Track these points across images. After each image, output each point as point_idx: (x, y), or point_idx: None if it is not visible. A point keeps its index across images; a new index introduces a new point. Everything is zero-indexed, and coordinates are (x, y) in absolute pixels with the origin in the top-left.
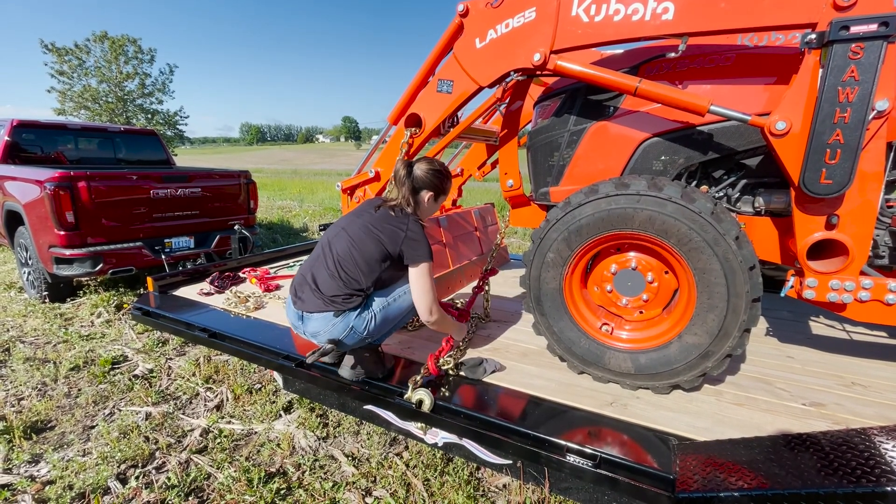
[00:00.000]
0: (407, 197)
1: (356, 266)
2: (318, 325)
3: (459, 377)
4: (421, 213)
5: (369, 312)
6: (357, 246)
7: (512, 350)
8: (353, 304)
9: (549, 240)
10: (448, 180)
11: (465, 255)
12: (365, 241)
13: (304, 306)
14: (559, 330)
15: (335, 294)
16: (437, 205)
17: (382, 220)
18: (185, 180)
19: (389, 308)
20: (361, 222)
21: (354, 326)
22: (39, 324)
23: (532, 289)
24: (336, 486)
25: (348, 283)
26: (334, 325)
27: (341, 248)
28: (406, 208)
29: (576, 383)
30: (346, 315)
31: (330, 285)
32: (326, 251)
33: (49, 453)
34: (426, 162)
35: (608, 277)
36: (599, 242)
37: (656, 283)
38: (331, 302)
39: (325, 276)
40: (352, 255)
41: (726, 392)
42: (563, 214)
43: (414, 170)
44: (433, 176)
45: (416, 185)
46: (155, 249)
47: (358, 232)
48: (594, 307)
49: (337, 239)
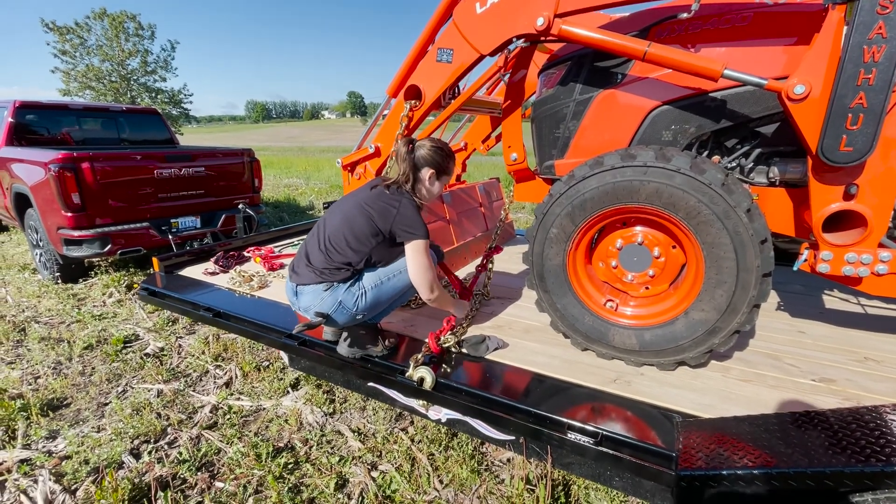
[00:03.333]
0: (407, 174)
1: (346, 241)
2: (308, 298)
3: (462, 354)
4: (422, 193)
5: (359, 288)
6: (348, 221)
7: (515, 327)
8: (340, 276)
9: (553, 215)
10: (451, 160)
11: (470, 231)
12: (356, 217)
13: (298, 279)
14: (562, 307)
15: (324, 266)
16: (439, 185)
17: (376, 198)
18: (189, 160)
19: (383, 286)
20: (356, 199)
21: (343, 302)
22: (53, 304)
23: (535, 265)
24: (343, 460)
25: (336, 256)
26: (323, 299)
27: (334, 224)
28: (405, 186)
29: (579, 360)
30: (334, 289)
31: (319, 258)
32: (321, 227)
33: (65, 430)
34: (429, 140)
35: (613, 253)
36: (604, 217)
37: (663, 258)
38: (320, 273)
39: (316, 249)
40: (342, 230)
41: (733, 368)
42: (567, 188)
43: (416, 147)
44: (435, 153)
45: (418, 162)
46: (162, 230)
47: (350, 208)
48: (599, 283)
49: (331, 215)
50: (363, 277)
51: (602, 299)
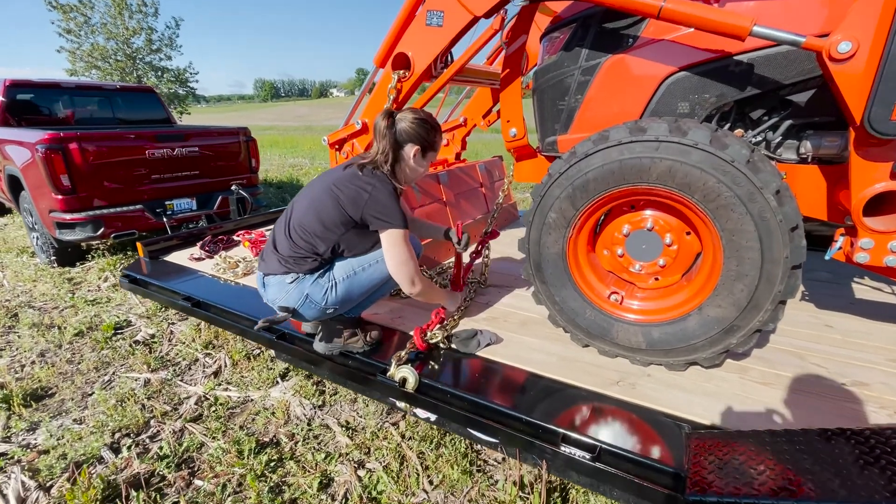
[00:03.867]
0: (387, 152)
1: (312, 228)
2: (274, 291)
3: (450, 351)
4: (405, 173)
5: (328, 280)
6: (315, 206)
7: (511, 319)
8: (307, 266)
9: (551, 197)
10: (437, 134)
11: (469, 213)
12: (324, 202)
13: (265, 268)
14: (561, 300)
15: (290, 255)
16: (424, 163)
17: (348, 180)
18: (182, 139)
19: (356, 278)
20: (326, 181)
21: (310, 295)
22: (48, 288)
23: (532, 254)
24: (329, 457)
25: (302, 244)
26: (288, 292)
27: (301, 208)
28: (383, 166)
29: (579, 358)
30: (300, 280)
31: (285, 245)
32: (289, 211)
33: (46, 421)
34: (411, 111)
35: (619, 240)
36: (610, 199)
37: (675, 245)
38: (285, 262)
39: (282, 235)
40: (309, 216)
41: (752, 368)
42: (568, 167)
43: (397, 120)
44: (419, 126)
45: (400, 138)
46: (156, 212)
47: (319, 191)
48: (602, 273)
49: (300, 198)
50: (333, 268)
51: (606, 291)
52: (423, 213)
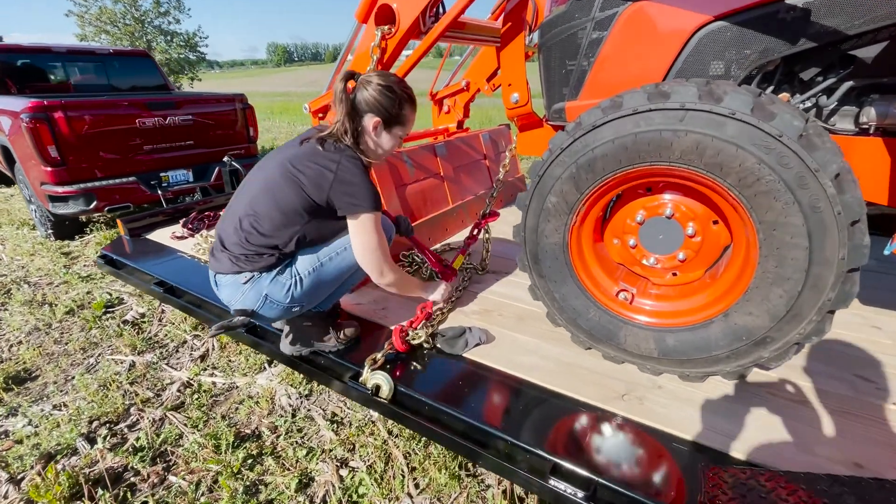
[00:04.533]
0: (343, 123)
1: (268, 218)
2: (228, 291)
3: (435, 350)
4: (368, 147)
5: (289, 277)
6: (270, 191)
7: (506, 312)
8: (263, 263)
9: (551, 178)
10: (406, 104)
11: (470, 189)
12: (280, 185)
13: (216, 265)
14: (561, 297)
15: (242, 252)
16: (389, 139)
17: (307, 157)
18: (174, 107)
19: (323, 270)
20: (280, 160)
21: (270, 295)
22: (44, 263)
23: (528, 242)
24: (311, 453)
25: (257, 239)
26: (244, 294)
27: (252, 194)
28: (343, 138)
29: (580, 363)
30: (256, 280)
31: (234, 240)
32: (238, 198)
33: (25, 407)
34: (379, 75)
35: (632, 228)
36: (622, 181)
37: (699, 237)
38: (236, 261)
39: (231, 229)
40: (263, 204)
41: (783, 382)
42: (571, 141)
43: (359, 84)
44: (382, 95)
45: (359, 106)
46: (151, 184)
47: (274, 172)
48: (611, 266)
49: (250, 182)
50: (295, 261)
51: (614, 289)
52: (416, 190)
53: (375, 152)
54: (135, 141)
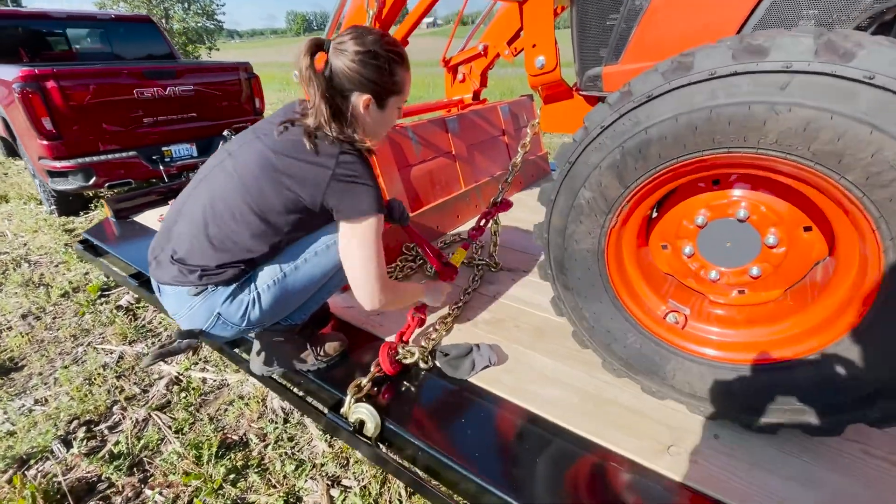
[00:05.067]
0: (322, 110)
1: (245, 222)
2: (173, 304)
3: (434, 371)
4: (367, 126)
5: (248, 293)
6: (247, 188)
7: (523, 322)
8: (223, 277)
9: (586, 166)
10: (398, 66)
11: (486, 169)
12: (260, 184)
13: (161, 275)
14: (593, 316)
15: (200, 263)
16: (387, 114)
17: (294, 151)
18: (173, 77)
19: (288, 281)
20: (259, 149)
21: (224, 315)
22: (46, 241)
23: (553, 247)
24: (300, 468)
25: (228, 247)
26: (193, 310)
27: (220, 190)
28: (327, 128)
29: (612, 397)
30: (210, 295)
31: (195, 249)
32: (201, 190)
33: (6, 401)
34: (351, 38)
35: (689, 231)
36: (683, 172)
37: (782, 247)
38: (189, 273)
39: (186, 230)
40: (237, 203)
41: (884, 436)
42: (616, 118)
43: (331, 55)
44: (362, 64)
45: (338, 84)
46: (153, 159)
47: (250, 166)
48: (657, 278)
49: (215, 174)
50: (257, 276)
51: (661, 308)
52: (422, 171)
53: (375, 131)
54: (134, 113)
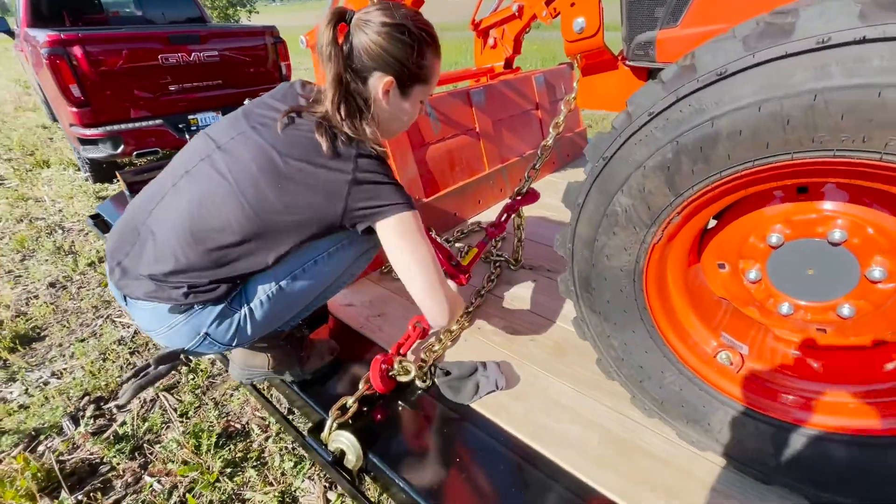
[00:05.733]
0: (338, 94)
1: (241, 235)
2: (147, 319)
3: (432, 391)
4: (378, 121)
5: (239, 311)
6: (246, 199)
7: (541, 335)
8: (212, 295)
9: (626, 163)
10: (428, 49)
11: (514, 148)
12: (263, 194)
13: (126, 284)
14: (623, 347)
15: (183, 281)
16: (408, 105)
17: (304, 151)
18: (197, 42)
19: (284, 294)
20: (257, 147)
21: (211, 335)
22: (80, 207)
23: (577, 260)
24: (299, 466)
25: (215, 262)
26: (173, 328)
27: (209, 194)
28: (342, 124)
29: (640, 442)
30: (195, 314)
31: (175, 261)
32: (183, 189)
33: (22, 374)
34: (378, 10)
35: (758, 251)
36: (760, 178)
37: (890, 282)
38: (172, 288)
39: (167, 238)
40: (234, 215)
41: None
42: (671, 102)
43: (353, 27)
44: (388, 39)
45: (358, 62)
46: (179, 128)
47: (249, 167)
48: (708, 304)
49: (204, 169)
50: (248, 288)
51: (710, 343)
52: (441, 151)
53: (390, 126)
54: (160, 80)
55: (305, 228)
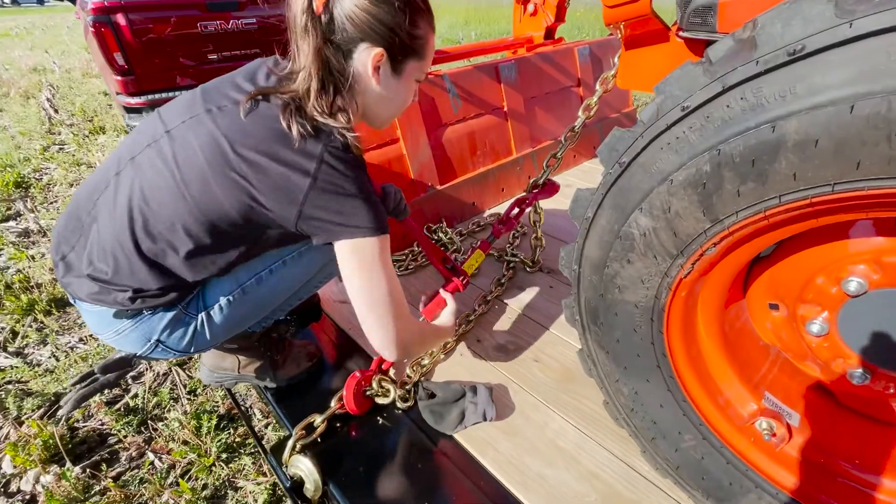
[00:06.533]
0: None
1: (187, 235)
2: (94, 322)
3: (412, 413)
4: (364, 106)
5: (195, 316)
6: (191, 194)
7: (548, 357)
8: (160, 301)
9: (647, 174)
10: (420, 16)
11: (548, 130)
12: (209, 189)
13: (70, 282)
14: (633, 395)
15: (127, 283)
16: (402, 84)
17: (261, 143)
18: (235, 8)
19: (248, 297)
20: (207, 135)
21: (164, 342)
22: None
23: (584, 286)
24: None
25: (160, 265)
26: (122, 334)
27: (151, 186)
28: (312, 113)
29: (647, 500)
30: (144, 320)
31: (115, 262)
32: (126, 179)
33: (53, 337)
34: None
35: (830, 296)
36: (837, 207)
37: None
38: (116, 291)
39: (106, 234)
40: (177, 213)
41: None
42: (716, 92)
43: None
44: (374, 3)
45: (340, 33)
46: None
47: (195, 159)
48: (751, 353)
49: (149, 156)
50: (207, 292)
51: (748, 405)
52: (460, 133)
53: (379, 112)
54: (201, 48)
55: (256, 231)
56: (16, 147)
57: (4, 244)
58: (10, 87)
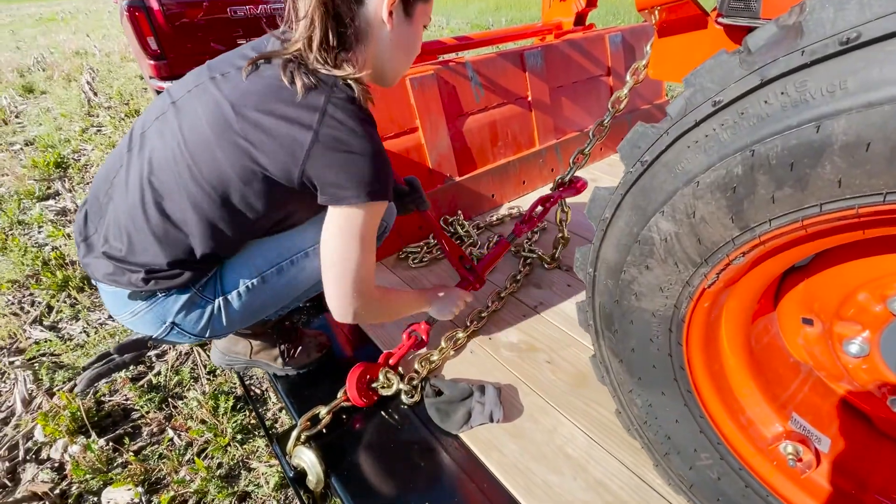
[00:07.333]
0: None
1: (196, 206)
2: (110, 303)
3: (417, 409)
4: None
5: (211, 301)
6: (196, 161)
7: (562, 358)
8: (173, 283)
9: (671, 175)
10: None
11: (574, 121)
12: (214, 155)
13: (89, 263)
14: (646, 407)
15: (139, 260)
16: (413, 28)
17: (263, 102)
18: None
19: (267, 286)
20: (211, 100)
21: (179, 325)
22: None
23: (599, 290)
24: None
25: (171, 240)
26: (138, 315)
27: (159, 157)
28: (311, 59)
29: None
30: (158, 302)
31: (129, 239)
32: (136, 154)
33: (85, 313)
34: None
35: (871, 314)
36: (885, 219)
37: None
38: (129, 271)
39: (120, 212)
40: (184, 182)
41: None
42: (753, 85)
43: None
44: None
45: None
46: None
47: (199, 125)
48: (779, 369)
49: (158, 129)
50: (225, 274)
51: (773, 426)
52: (481, 123)
53: (393, 63)
54: (230, 33)
55: (264, 198)
56: (57, 128)
57: (44, 222)
58: (54, 70)
